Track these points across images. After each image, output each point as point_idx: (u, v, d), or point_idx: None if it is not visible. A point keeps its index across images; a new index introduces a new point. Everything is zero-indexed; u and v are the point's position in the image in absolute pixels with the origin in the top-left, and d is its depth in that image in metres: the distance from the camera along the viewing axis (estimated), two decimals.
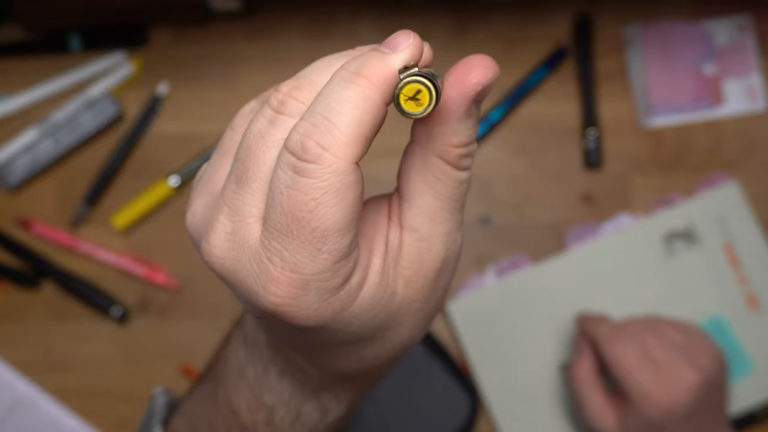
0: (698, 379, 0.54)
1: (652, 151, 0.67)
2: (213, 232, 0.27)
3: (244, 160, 0.27)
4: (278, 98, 0.26)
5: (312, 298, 0.26)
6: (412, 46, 0.26)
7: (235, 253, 0.27)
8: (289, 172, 0.24)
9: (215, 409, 0.38)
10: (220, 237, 0.27)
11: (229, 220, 0.27)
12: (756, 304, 0.64)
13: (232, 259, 0.27)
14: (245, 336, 0.36)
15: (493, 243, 0.66)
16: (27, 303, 0.67)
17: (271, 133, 0.26)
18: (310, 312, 0.26)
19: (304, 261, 0.25)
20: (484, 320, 0.65)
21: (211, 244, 0.27)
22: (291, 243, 0.25)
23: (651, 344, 0.55)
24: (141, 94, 0.68)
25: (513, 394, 0.64)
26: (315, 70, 0.27)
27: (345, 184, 0.24)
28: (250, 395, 0.36)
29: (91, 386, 0.66)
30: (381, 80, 0.25)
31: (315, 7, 0.69)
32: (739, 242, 0.65)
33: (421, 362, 0.64)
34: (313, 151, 0.24)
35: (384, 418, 0.63)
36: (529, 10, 0.68)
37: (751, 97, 0.67)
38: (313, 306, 0.26)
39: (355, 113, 0.24)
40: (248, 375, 0.36)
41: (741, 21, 0.67)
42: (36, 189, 0.68)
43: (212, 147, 0.67)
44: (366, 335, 0.29)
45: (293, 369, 0.34)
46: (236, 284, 0.27)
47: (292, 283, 0.25)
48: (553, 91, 0.68)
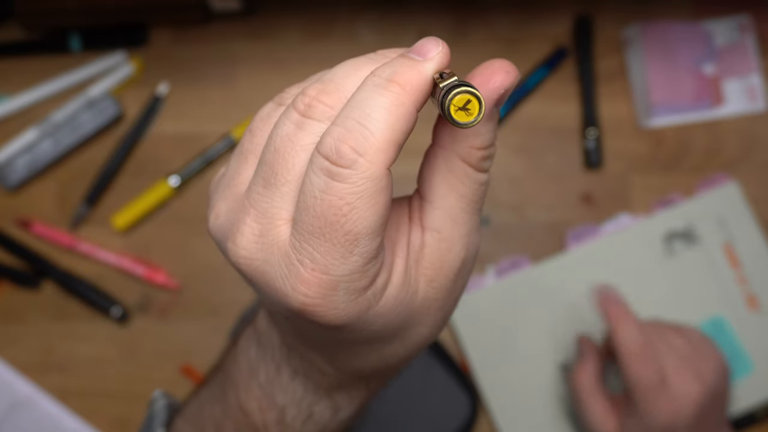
0: (702, 391, 0.54)
1: (652, 151, 0.67)
2: (240, 234, 0.27)
3: (272, 164, 0.27)
4: (305, 102, 0.27)
5: (341, 298, 0.26)
6: (441, 53, 0.26)
7: (263, 255, 0.27)
8: (323, 177, 0.25)
9: (224, 410, 0.38)
10: (248, 239, 0.27)
11: (257, 222, 0.27)
12: (756, 304, 0.64)
13: (260, 260, 0.27)
14: (258, 337, 0.36)
15: (493, 243, 0.66)
16: (27, 303, 0.67)
17: (300, 137, 0.26)
18: (338, 311, 0.27)
19: (335, 263, 0.26)
20: (484, 320, 0.65)
21: (239, 246, 0.27)
22: (323, 245, 0.25)
23: (662, 346, 0.56)
24: (141, 94, 0.68)
25: (513, 394, 0.64)
26: (341, 74, 0.27)
27: (378, 188, 0.25)
28: (261, 395, 0.36)
29: (91, 386, 0.66)
30: (414, 88, 0.25)
31: (315, 7, 0.69)
32: (739, 242, 0.65)
33: (421, 362, 0.64)
34: (348, 157, 0.24)
35: (384, 418, 0.63)
36: (529, 10, 0.68)
37: (751, 97, 0.67)
38: (341, 306, 0.26)
39: (390, 120, 0.25)
40: (260, 375, 0.36)
41: (741, 21, 0.67)
42: (36, 189, 0.68)
43: (212, 147, 0.67)
44: (388, 334, 0.30)
45: (308, 369, 0.34)
46: (263, 284, 0.28)
47: (322, 284, 0.26)
48: (553, 91, 0.68)
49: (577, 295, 0.65)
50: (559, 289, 0.65)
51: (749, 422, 0.64)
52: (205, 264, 0.66)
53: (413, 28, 0.68)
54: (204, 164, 0.67)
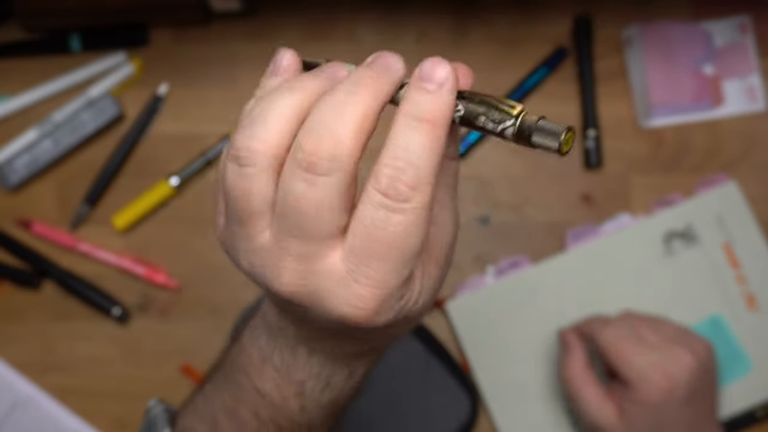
0: (694, 362, 0.55)
1: (651, 152, 0.67)
2: (284, 274, 0.30)
3: (300, 224, 0.29)
4: (307, 161, 0.28)
5: (390, 304, 0.30)
6: (452, 76, 0.29)
7: (313, 283, 0.30)
8: (382, 211, 0.28)
9: (236, 396, 0.40)
10: (293, 275, 0.30)
11: (300, 263, 0.30)
12: (755, 304, 0.65)
13: (310, 288, 0.30)
14: (268, 327, 0.38)
15: (493, 243, 0.67)
16: (27, 303, 0.67)
17: (318, 197, 0.28)
18: (387, 316, 0.31)
19: (389, 278, 0.29)
20: (484, 320, 0.65)
21: (285, 285, 0.30)
22: (380, 265, 0.29)
23: (644, 331, 0.56)
24: (141, 95, 0.68)
25: (513, 393, 0.64)
26: (322, 119, 0.29)
27: (428, 213, 0.29)
28: (277, 377, 0.39)
29: (91, 386, 0.66)
30: (443, 121, 0.29)
31: (315, 7, 0.69)
32: (738, 242, 0.65)
33: (421, 362, 0.64)
34: (405, 194, 0.28)
35: (384, 418, 0.63)
36: (528, 11, 0.69)
37: (750, 98, 0.67)
38: (389, 311, 0.30)
39: (431, 155, 0.28)
40: (274, 360, 0.38)
41: (741, 21, 0.67)
42: (36, 189, 0.68)
43: (213, 147, 0.67)
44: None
45: (328, 348, 0.37)
46: (312, 304, 0.31)
47: (376, 297, 0.29)
48: (553, 92, 0.68)
49: (577, 295, 0.65)
50: (559, 289, 0.65)
51: (748, 422, 0.64)
52: (206, 264, 0.67)
53: (413, 28, 0.68)
54: (204, 164, 0.67)
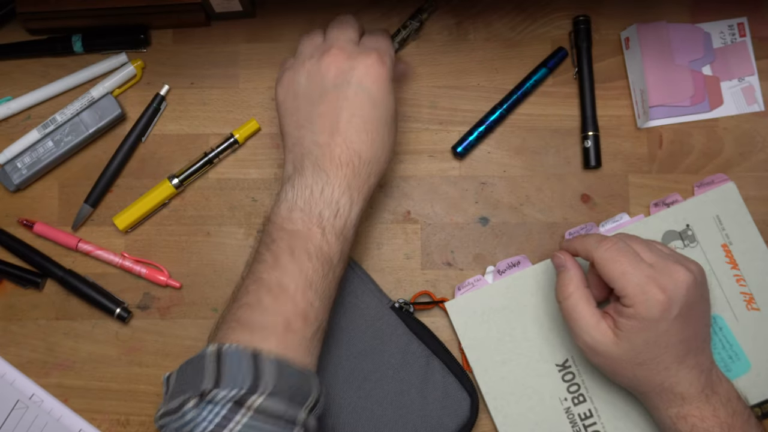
0: (690, 278, 0.55)
1: (650, 152, 0.67)
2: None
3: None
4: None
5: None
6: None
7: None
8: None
9: (267, 245, 0.53)
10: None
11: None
12: (753, 304, 0.65)
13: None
14: (290, 179, 0.54)
15: (493, 243, 0.67)
16: (29, 303, 0.67)
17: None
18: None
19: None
20: (483, 320, 0.65)
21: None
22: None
23: (638, 248, 0.56)
24: (143, 95, 0.68)
25: (513, 393, 0.64)
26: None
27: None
28: (302, 215, 0.53)
29: (93, 385, 0.67)
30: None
31: (316, 8, 0.69)
32: (736, 242, 0.65)
33: (421, 362, 0.64)
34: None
35: (384, 418, 0.63)
36: (528, 11, 0.69)
37: (748, 99, 0.67)
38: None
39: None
40: (298, 203, 0.53)
41: (739, 23, 0.68)
42: (38, 189, 0.68)
43: (214, 147, 0.67)
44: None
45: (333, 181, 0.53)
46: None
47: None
48: (553, 92, 0.68)
49: None
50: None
51: None
52: (207, 264, 0.67)
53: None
54: (205, 164, 0.67)
